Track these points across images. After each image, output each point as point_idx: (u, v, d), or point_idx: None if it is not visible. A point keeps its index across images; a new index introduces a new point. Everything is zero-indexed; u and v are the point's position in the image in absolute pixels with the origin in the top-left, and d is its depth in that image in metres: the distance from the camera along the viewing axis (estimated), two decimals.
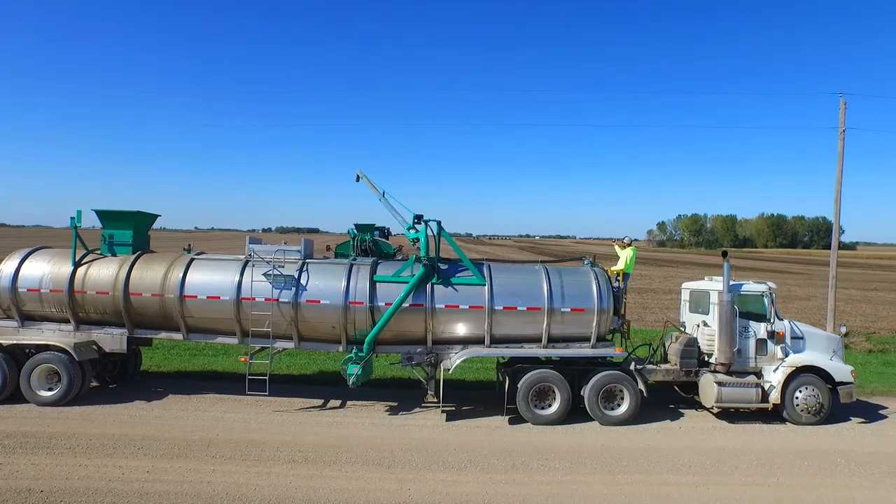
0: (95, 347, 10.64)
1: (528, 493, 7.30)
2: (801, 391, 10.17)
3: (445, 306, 10.41)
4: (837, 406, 10.44)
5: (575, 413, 10.16)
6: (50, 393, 10.13)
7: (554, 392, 10.14)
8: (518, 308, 10.45)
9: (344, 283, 10.40)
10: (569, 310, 10.49)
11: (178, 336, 10.81)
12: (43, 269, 10.72)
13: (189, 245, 12.11)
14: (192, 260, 10.87)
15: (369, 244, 18.02)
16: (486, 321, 10.39)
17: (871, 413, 11.07)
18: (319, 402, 11.10)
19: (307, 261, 10.82)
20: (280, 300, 10.34)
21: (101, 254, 11.13)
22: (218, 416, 10.00)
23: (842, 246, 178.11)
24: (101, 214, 11.09)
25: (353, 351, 10.41)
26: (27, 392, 10.08)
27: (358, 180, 13.63)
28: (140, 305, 10.56)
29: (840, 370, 10.24)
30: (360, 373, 10.20)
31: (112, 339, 10.76)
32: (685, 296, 11.94)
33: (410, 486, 7.40)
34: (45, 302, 10.66)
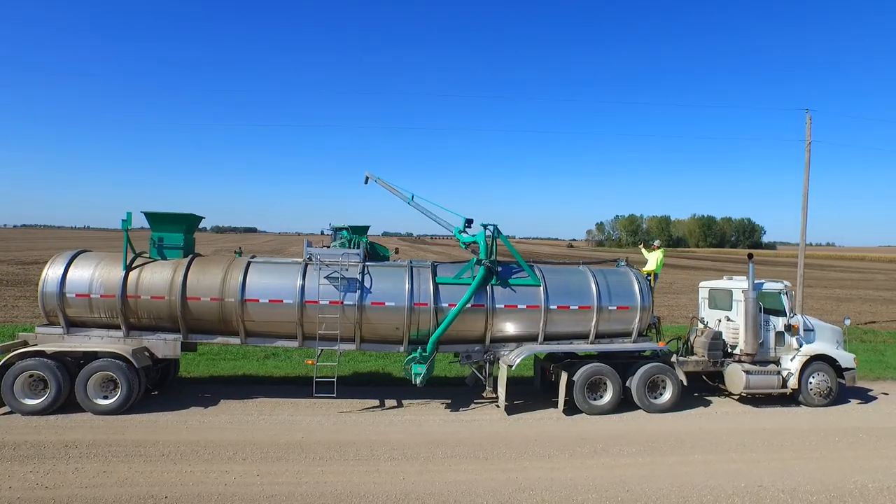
0: (148, 354, 10.36)
1: (622, 475, 8.00)
2: (813, 377, 11.56)
3: (505, 306, 10.97)
4: (841, 390, 11.94)
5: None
6: (107, 401, 9.80)
7: (606, 384, 10.95)
8: (571, 307, 11.18)
9: (408, 286, 10.72)
10: (615, 308, 11.34)
11: (235, 340, 10.71)
12: (92, 274, 10.31)
13: (240, 248, 11.96)
14: (249, 263, 10.81)
15: (366, 247, 18.25)
16: (541, 320, 11.05)
17: (863, 395, 12.68)
18: (375, 402, 11.34)
19: (367, 264, 11.04)
20: (345, 303, 10.51)
21: (149, 257, 10.82)
22: (287, 419, 10.06)
23: (764, 245, 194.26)
24: (151, 217, 10.78)
25: (418, 351, 10.75)
26: (84, 400, 9.71)
27: (367, 182, 13.87)
28: (197, 310, 10.39)
29: (845, 358, 11.71)
30: (425, 372, 10.60)
31: (165, 345, 10.51)
32: (703, 294, 13.13)
33: (517, 475, 7.92)
34: (95, 307, 10.27)
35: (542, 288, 11.10)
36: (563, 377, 10.83)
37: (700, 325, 12.67)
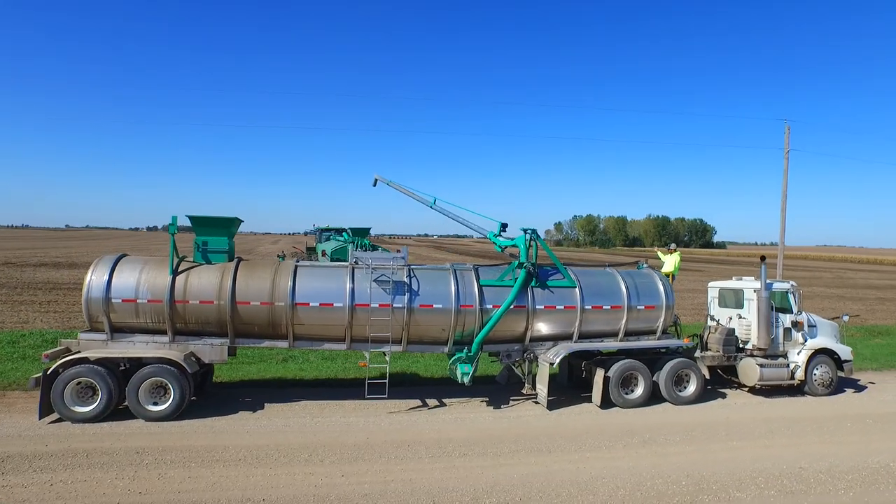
0: (194, 359, 10.30)
1: (676, 462, 8.64)
2: (817, 369, 12.64)
3: (545, 307, 11.49)
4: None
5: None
6: (159, 407, 9.70)
7: (637, 379, 11.64)
8: (604, 307, 11.81)
9: (454, 288, 11.07)
10: (643, 307, 12.06)
11: (283, 344, 10.77)
12: (137, 279, 10.16)
13: (282, 252, 11.96)
14: (296, 267, 10.89)
15: (366, 248, 18.46)
16: (577, 319, 11.63)
17: (854, 385, 13.92)
18: (416, 402, 11.62)
19: (412, 267, 11.31)
20: (394, 305, 10.76)
21: (194, 261, 10.73)
22: (341, 420, 10.22)
23: (714, 245, 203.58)
24: (195, 220, 10.69)
25: (464, 351, 11.11)
26: (136, 407, 9.59)
27: (375, 184, 14.14)
28: (247, 314, 10.40)
29: (844, 350, 12.87)
30: (472, 371, 10.99)
31: (211, 350, 10.47)
32: (713, 293, 14.07)
33: (582, 465, 8.43)
34: (142, 313, 10.12)
35: (577, 289, 11.68)
36: (599, 374, 11.45)
37: (713, 323, 13.58)
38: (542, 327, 11.61)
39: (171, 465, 7.89)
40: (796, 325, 12.71)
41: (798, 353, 12.65)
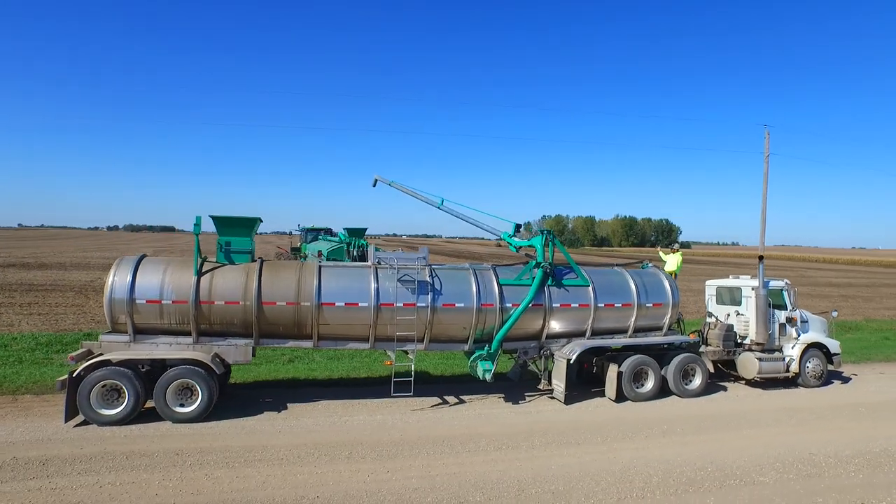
0: (219, 360, 10.25)
1: (697, 451, 9.10)
2: (810, 362, 13.42)
3: (560, 305, 11.85)
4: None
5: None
6: (186, 409, 9.63)
7: (648, 374, 12.13)
8: (615, 305, 12.26)
9: (475, 287, 11.31)
10: (651, 305, 12.57)
11: (308, 344, 10.81)
12: (162, 280, 10.04)
13: (306, 254, 11.97)
14: (320, 267, 10.95)
15: (365, 249, 18.51)
16: (590, 317, 12.04)
17: (838, 377, 14.79)
18: (435, 399, 11.81)
19: (433, 267, 11.50)
20: (418, 304, 10.93)
21: (216, 262, 10.67)
22: (369, 419, 10.33)
23: (680, 245, 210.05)
24: (218, 220, 10.63)
25: (486, 349, 11.38)
26: (164, 409, 9.49)
27: (375, 185, 14.33)
28: (273, 315, 10.41)
29: (834, 344, 13.70)
30: (493, 368, 11.27)
31: (236, 351, 10.44)
32: (710, 291, 14.74)
33: (613, 455, 8.81)
34: (166, 314, 10.01)
35: (591, 288, 12.10)
36: (613, 369, 11.88)
37: (712, 319, 14.23)
38: (558, 325, 11.98)
39: (214, 465, 7.90)
40: (790, 320, 13.46)
41: (792, 348, 13.41)
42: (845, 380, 14.57)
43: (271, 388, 12.47)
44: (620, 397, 11.87)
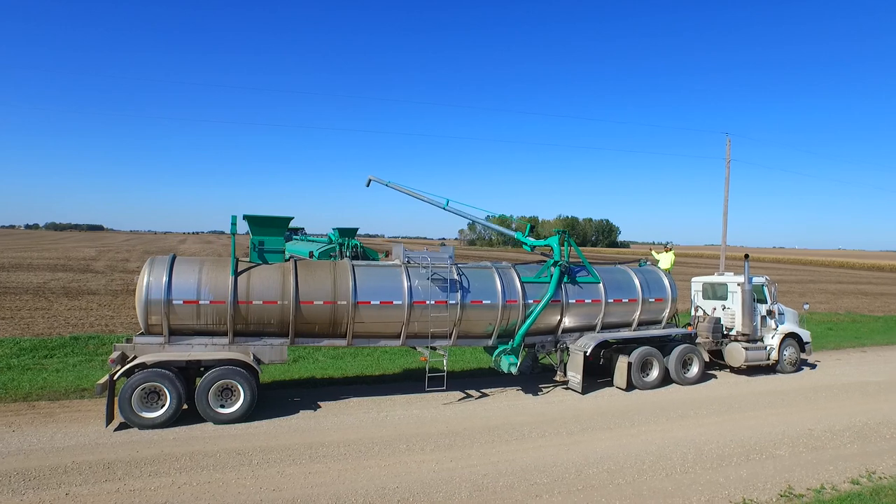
0: (255, 360, 10.22)
1: (715, 431, 10.02)
2: (786, 350, 14.85)
3: (575, 301, 12.57)
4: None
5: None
6: (228, 410, 9.57)
7: (652, 364, 13.06)
8: (623, 300, 13.13)
9: (500, 285, 11.82)
10: (653, 300, 13.53)
11: (342, 343, 10.93)
12: (198, 279, 9.91)
13: (335, 253, 12.03)
14: (353, 267, 11.11)
15: (359, 250, 18.67)
16: (601, 312, 12.84)
17: (806, 364, 16.39)
18: (458, 393, 12.21)
19: (458, 266, 11.90)
20: (448, 302, 11.31)
21: (250, 262, 10.60)
22: (407, 412, 10.60)
23: (619, 244, 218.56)
24: (252, 220, 10.58)
25: (510, 343, 11.91)
26: (206, 410, 9.40)
27: (368, 185, 14.67)
28: (309, 314, 10.48)
29: (806, 334, 15.21)
30: (517, 362, 11.82)
31: (271, 350, 10.43)
32: (696, 287, 15.96)
33: (644, 438, 9.57)
34: (203, 314, 9.88)
35: (601, 285, 12.89)
36: (623, 360, 12.73)
37: (699, 313, 15.43)
38: (572, 320, 12.69)
39: (282, 463, 7.98)
40: (770, 313, 14.84)
41: (772, 338, 14.79)
42: (812, 366, 16.17)
43: (292, 388, 12.44)
44: (630, 386, 12.72)
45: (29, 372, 12.66)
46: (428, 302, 11.15)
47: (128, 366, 9.06)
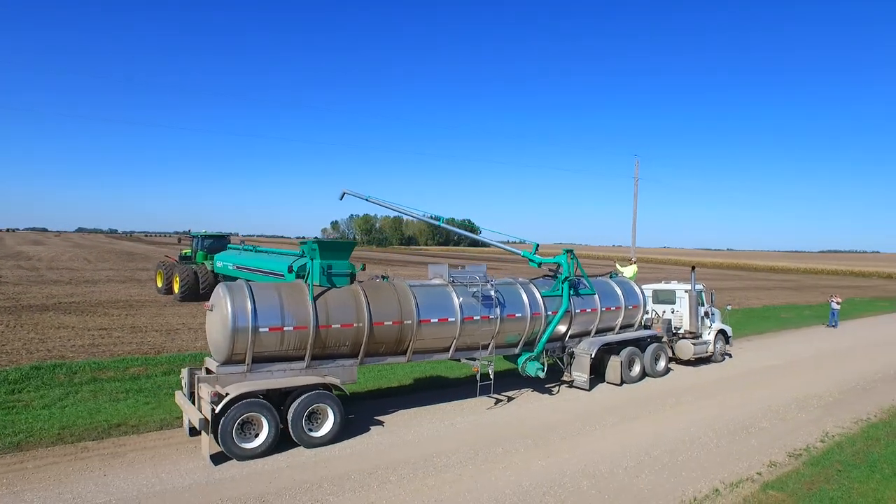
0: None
1: (715, 412, 12.49)
2: (718, 343, 18.35)
3: (580, 311, 14.45)
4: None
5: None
6: (321, 433, 9.76)
7: (635, 361, 15.45)
8: (611, 308, 15.33)
9: (526, 299, 13.25)
10: (631, 306, 15.96)
11: (402, 359, 11.55)
12: (280, 305, 9.89)
13: (385, 274, 12.37)
14: (411, 287, 11.75)
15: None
16: (597, 319, 14.91)
17: (724, 352, 20.25)
18: (489, 400, 13.37)
19: (493, 282, 13.10)
20: (490, 316, 12.46)
21: (320, 285, 10.73)
22: (465, 420, 11.53)
23: (480, 244, 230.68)
24: (321, 244, 10.75)
25: (535, 351, 13.39)
26: (301, 435, 9.51)
27: (342, 198, 15.67)
28: (380, 334, 10.95)
29: (729, 329, 18.89)
30: (543, 366, 13.36)
31: (343, 371, 10.72)
32: (648, 293, 18.88)
33: (673, 421, 11.68)
34: (286, 341, 9.90)
35: (596, 296, 14.97)
36: (616, 360, 14.91)
37: (653, 315, 18.35)
38: (577, 327, 14.57)
39: (418, 477, 8.54)
40: (707, 314, 18.22)
41: (709, 334, 18.17)
42: (730, 355, 20.05)
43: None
44: (622, 381, 14.97)
45: (23, 412, 11.17)
46: (475, 317, 12.21)
47: (227, 399, 8.86)
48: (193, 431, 9.91)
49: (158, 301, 27.23)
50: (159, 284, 28.95)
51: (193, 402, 9.70)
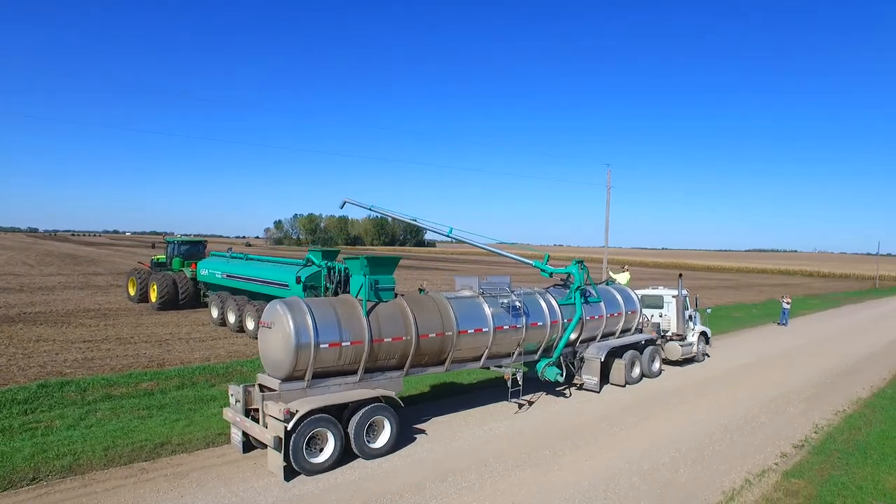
0: None
1: (723, 405, 13.73)
2: (700, 344, 19.85)
3: (589, 317, 15.36)
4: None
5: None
6: (380, 444, 10.08)
7: (636, 362, 16.57)
8: (614, 314, 16.36)
9: (546, 308, 13.99)
10: (630, 312, 17.07)
11: (440, 369, 11.98)
12: (336, 321, 10.11)
13: (423, 285, 12.68)
14: (448, 300, 12.20)
15: (343, 274, 18.92)
16: (603, 324, 15.88)
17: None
18: (511, 405, 13.99)
19: (517, 293, 13.73)
20: (517, 326, 13.11)
21: (367, 299, 10.98)
22: (501, 425, 12.10)
23: (426, 243, 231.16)
24: (370, 261, 11.00)
25: (553, 356, 14.16)
26: (363, 447, 9.79)
27: (343, 206, 16.21)
28: (425, 346, 11.35)
29: (709, 330, 20.45)
30: (561, 371, 14.16)
31: (390, 383, 11.05)
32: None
33: (691, 414, 12.74)
34: (343, 356, 10.12)
35: (602, 303, 15.94)
36: (620, 363, 15.94)
37: (644, 319, 19.59)
38: (586, 333, 15.47)
39: (486, 482, 9.04)
40: (691, 317, 19.67)
41: (693, 336, 19.63)
42: (708, 355, 21.66)
43: None
44: (625, 383, 16.02)
45: (50, 434, 10.76)
46: (504, 326, 12.82)
47: (298, 415, 9.02)
48: (247, 447, 9.99)
49: (133, 310, 26.11)
50: (132, 292, 27.70)
51: (252, 419, 9.75)
